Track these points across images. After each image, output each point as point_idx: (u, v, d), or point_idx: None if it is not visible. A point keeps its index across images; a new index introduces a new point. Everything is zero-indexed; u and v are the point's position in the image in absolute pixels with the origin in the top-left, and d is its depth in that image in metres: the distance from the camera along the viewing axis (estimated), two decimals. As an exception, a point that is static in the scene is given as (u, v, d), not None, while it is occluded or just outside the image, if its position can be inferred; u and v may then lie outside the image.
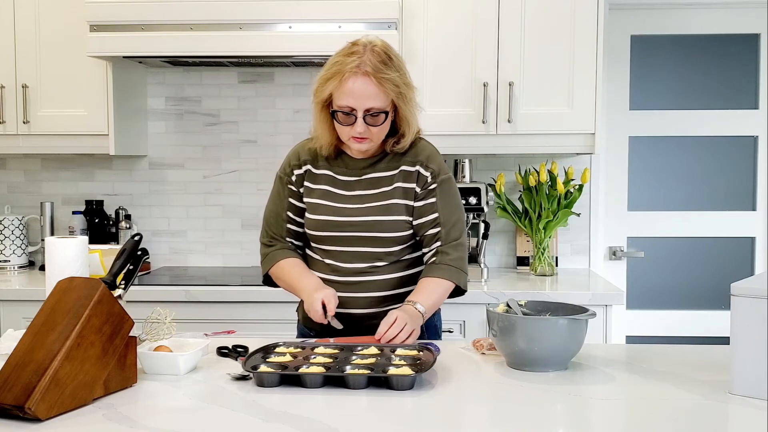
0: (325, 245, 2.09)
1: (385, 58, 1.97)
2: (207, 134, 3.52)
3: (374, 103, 1.96)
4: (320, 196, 2.08)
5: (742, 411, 1.50)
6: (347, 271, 2.06)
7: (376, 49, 1.97)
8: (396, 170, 2.07)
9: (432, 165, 2.07)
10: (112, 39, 2.95)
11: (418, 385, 1.61)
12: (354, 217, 2.04)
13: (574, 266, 3.49)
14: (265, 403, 1.51)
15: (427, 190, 2.06)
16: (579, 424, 1.48)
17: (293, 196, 2.14)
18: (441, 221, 2.05)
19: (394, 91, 1.97)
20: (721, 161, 3.60)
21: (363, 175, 2.08)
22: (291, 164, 2.15)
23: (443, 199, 2.07)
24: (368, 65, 1.94)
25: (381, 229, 2.03)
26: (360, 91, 1.94)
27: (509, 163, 3.46)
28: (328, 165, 2.11)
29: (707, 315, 3.60)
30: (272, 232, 2.16)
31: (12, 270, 3.37)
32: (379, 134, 2.01)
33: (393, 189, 2.05)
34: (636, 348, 2.07)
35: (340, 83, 1.95)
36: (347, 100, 1.96)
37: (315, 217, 2.08)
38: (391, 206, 2.04)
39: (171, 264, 3.54)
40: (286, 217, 2.15)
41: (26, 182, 3.57)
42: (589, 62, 3.04)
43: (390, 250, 2.06)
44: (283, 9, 2.91)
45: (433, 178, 2.07)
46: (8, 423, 1.39)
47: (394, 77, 1.96)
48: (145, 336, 1.80)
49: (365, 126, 1.97)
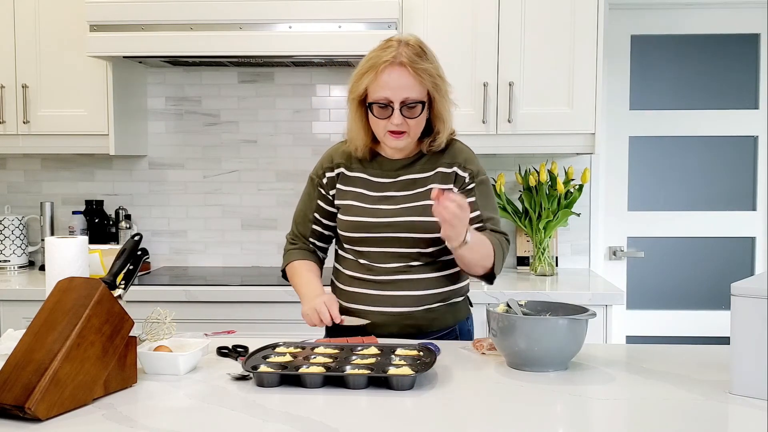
0: (359, 246, 2.08)
1: (420, 51, 1.98)
2: (207, 134, 3.52)
3: (411, 93, 1.96)
4: (353, 198, 2.08)
5: (742, 411, 1.50)
6: (382, 270, 2.05)
7: (411, 42, 1.99)
8: (432, 172, 2.07)
9: (470, 166, 2.08)
10: (112, 39, 2.95)
11: (418, 385, 1.61)
12: (389, 218, 2.03)
13: (574, 266, 3.49)
14: (265, 403, 1.51)
15: (465, 190, 2.06)
16: (579, 424, 1.48)
17: (322, 198, 2.15)
18: (483, 218, 2.04)
19: (431, 82, 1.98)
20: (721, 161, 3.60)
21: (398, 177, 2.07)
22: (324, 166, 2.15)
23: (482, 198, 2.07)
24: (404, 56, 1.95)
25: (416, 230, 2.02)
26: (396, 82, 1.95)
27: (509, 163, 3.46)
28: (363, 167, 2.11)
29: (707, 315, 3.60)
30: (298, 231, 2.19)
31: (12, 270, 3.38)
32: (416, 128, 2.01)
33: (428, 190, 2.03)
34: (636, 348, 2.06)
35: (376, 76, 1.95)
36: (384, 91, 1.95)
37: (348, 218, 2.08)
38: (426, 207, 2.01)
39: (171, 264, 3.54)
40: (312, 218, 2.16)
41: (26, 182, 3.57)
42: (589, 62, 3.04)
43: (425, 251, 2.04)
44: (283, 9, 2.91)
45: (472, 178, 2.07)
46: (8, 423, 1.39)
47: (429, 68, 1.97)
48: (145, 336, 1.80)
49: (402, 118, 1.97)
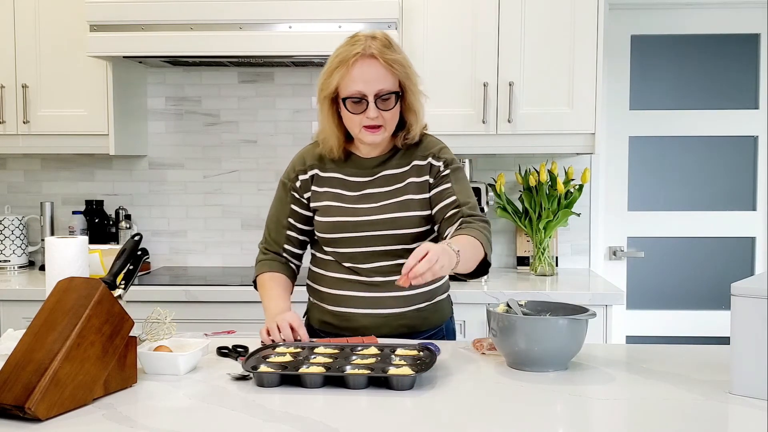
0: (340, 248, 2.05)
1: (387, 42, 1.97)
2: (207, 134, 3.52)
3: (384, 84, 1.94)
4: (331, 199, 2.05)
5: (742, 411, 1.50)
6: (369, 271, 2.03)
7: (377, 35, 1.98)
8: (408, 166, 2.05)
9: (443, 155, 2.06)
10: (112, 39, 2.95)
11: (418, 385, 1.61)
12: (368, 216, 2.01)
13: (574, 266, 3.49)
14: (265, 403, 1.51)
15: (440, 178, 2.04)
16: (579, 424, 1.48)
17: (296, 203, 2.10)
18: (460, 202, 2.00)
19: (402, 72, 1.96)
20: (721, 161, 3.60)
21: (376, 174, 2.05)
22: (296, 169, 2.11)
23: (457, 184, 2.03)
24: (373, 48, 1.94)
25: (397, 226, 2.01)
26: (368, 74, 1.93)
27: (509, 163, 3.46)
28: (337, 167, 2.08)
29: (707, 315, 3.60)
30: (271, 238, 2.14)
31: (12, 270, 3.38)
32: (391, 121, 1.99)
33: (406, 185, 2.03)
34: (636, 348, 2.06)
35: (347, 70, 1.93)
36: (356, 85, 1.93)
37: (327, 219, 2.04)
38: (405, 202, 2.01)
39: (171, 264, 3.54)
40: (286, 224, 2.12)
41: (26, 182, 3.57)
42: (589, 62, 3.04)
43: (410, 247, 1.99)
44: (283, 9, 2.91)
45: (446, 166, 2.04)
46: (8, 423, 1.39)
47: (399, 58, 1.96)
48: (145, 336, 1.80)
49: (378, 111, 1.95)
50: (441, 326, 2.14)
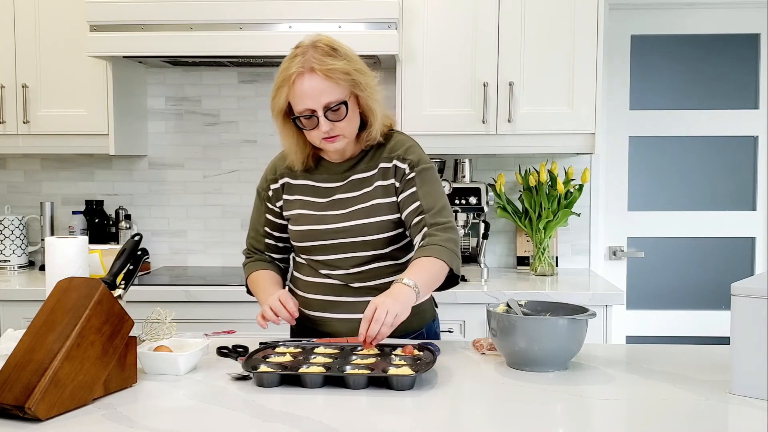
0: (314, 255, 2.04)
1: (329, 50, 1.90)
2: (207, 134, 3.52)
3: (330, 97, 1.89)
4: (301, 206, 2.03)
5: (742, 411, 1.50)
6: (343, 276, 2.01)
7: (318, 44, 1.91)
8: (375, 169, 2.01)
9: (409, 156, 1.99)
10: (112, 39, 2.95)
11: (418, 385, 1.61)
12: (337, 224, 1.98)
13: (574, 266, 3.49)
14: (265, 403, 1.51)
15: (405, 182, 1.98)
16: (579, 424, 1.48)
17: (270, 212, 2.10)
18: (424, 208, 1.95)
19: (346, 80, 1.90)
20: (721, 161, 3.60)
21: (346, 179, 2.02)
22: (268, 179, 2.11)
23: (423, 187, 1.97)
24: (312, 61, 1.87)
25: (366, 232, 1.97)
26: (312, 90, 1.88)
27: (509, 163, 3.46)
28: (308, 174, 2.06)
29: (707, 315, 3.60)
30: (252, 244, 2.16)
31: (12, 270, 3.38)
32: (348, 128, 1.94)
33: (374, 189, 1.99)
34: (636, 348, 2.06)
35: (291, 88, 1.89)
36: (304, 102, 1.89)
37: (298, 228, 2.03)
38: (373, 207, 1.98)
39: (171, 264, 3.54)
40: (264, 232, 2.13)
41: (26, 182, 3.57)
42: (589, 62, 3.04)
43: (383, 252, 2.00)
44: (283, 9, 2.91)
45: (411, 168, 1.98)
46: (8, 423, 1.39)
47: (341, 66, 1.89)
48: (145, 336, 1.80)
49: (330, 124, 1.90)
50: (422, 330, 2.10)
